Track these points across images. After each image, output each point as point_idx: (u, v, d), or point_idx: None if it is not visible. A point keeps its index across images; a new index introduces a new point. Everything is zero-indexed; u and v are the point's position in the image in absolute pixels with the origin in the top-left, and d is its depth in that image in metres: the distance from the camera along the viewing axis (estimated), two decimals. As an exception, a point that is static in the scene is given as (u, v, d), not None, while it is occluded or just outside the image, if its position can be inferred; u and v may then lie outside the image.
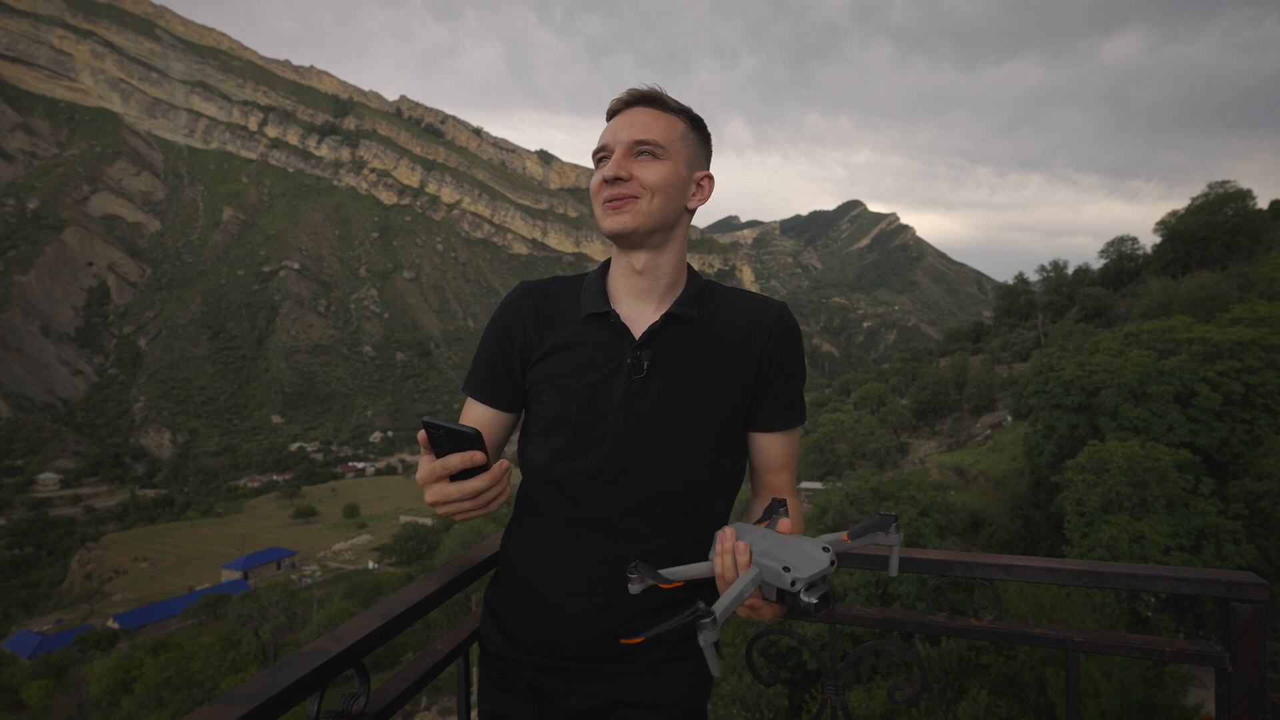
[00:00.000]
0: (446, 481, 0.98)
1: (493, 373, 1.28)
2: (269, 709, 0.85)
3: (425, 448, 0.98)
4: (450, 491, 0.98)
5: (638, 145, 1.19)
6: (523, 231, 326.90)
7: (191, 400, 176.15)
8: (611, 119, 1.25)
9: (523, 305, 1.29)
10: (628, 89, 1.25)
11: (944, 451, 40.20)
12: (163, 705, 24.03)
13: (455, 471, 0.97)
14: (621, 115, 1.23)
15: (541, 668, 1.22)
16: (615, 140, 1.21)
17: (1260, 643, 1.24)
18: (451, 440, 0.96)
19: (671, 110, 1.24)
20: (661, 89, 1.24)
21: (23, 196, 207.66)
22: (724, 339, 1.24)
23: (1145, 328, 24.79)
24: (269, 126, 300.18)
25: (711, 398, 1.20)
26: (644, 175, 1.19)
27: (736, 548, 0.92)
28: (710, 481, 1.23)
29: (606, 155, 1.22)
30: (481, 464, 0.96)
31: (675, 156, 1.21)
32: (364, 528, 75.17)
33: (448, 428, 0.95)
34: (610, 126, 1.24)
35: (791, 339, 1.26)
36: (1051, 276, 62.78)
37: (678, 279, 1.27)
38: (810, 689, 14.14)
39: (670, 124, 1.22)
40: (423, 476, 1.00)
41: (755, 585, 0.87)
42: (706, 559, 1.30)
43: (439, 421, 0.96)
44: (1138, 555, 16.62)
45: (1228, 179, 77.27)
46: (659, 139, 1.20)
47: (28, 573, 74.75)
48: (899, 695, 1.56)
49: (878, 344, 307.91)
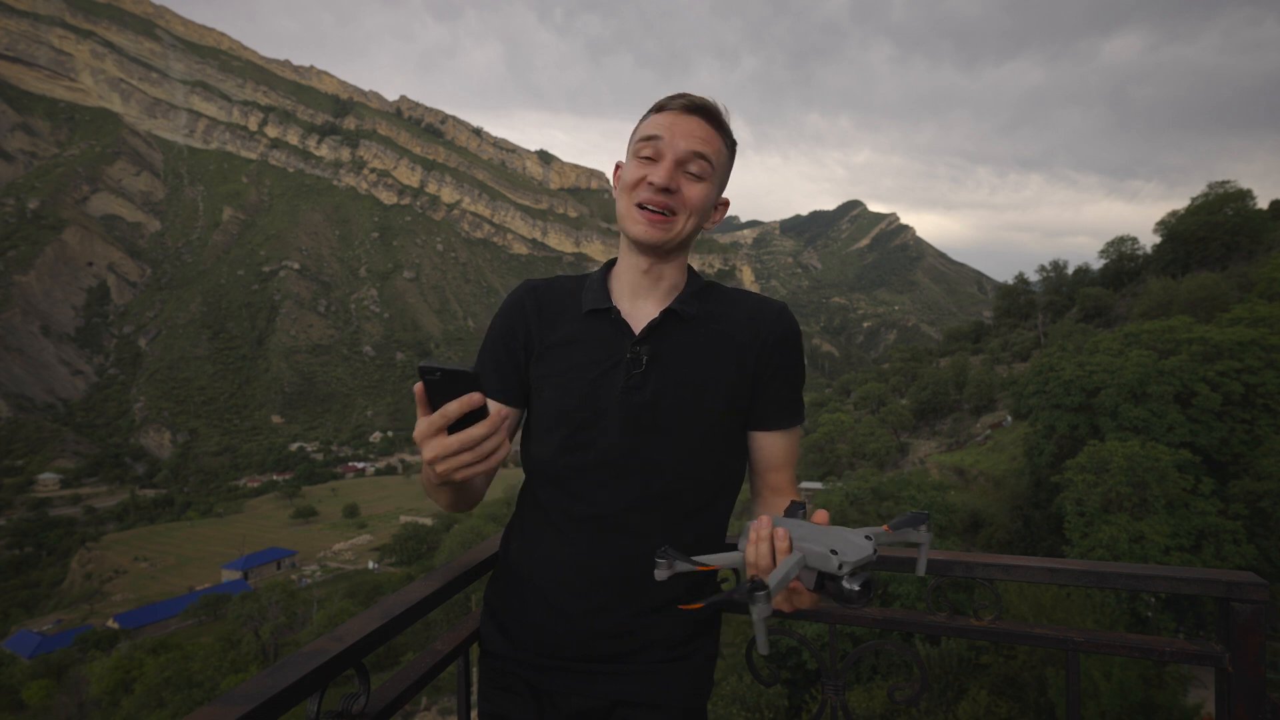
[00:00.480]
0: (445, 434, 0.91)
1: (498, 367, 1.28)
2: (269, 709, 0.84)
3: (421, 403, 0.91)
4: (450, 443, 0.90)
5: (693, 157, 1.17)
6: (523, 231, 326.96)
7: (191, 400, 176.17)
8: (662, 113, 1.21)
9: (525, 302, 1.30)
10: (690, 94, 1.21)
11: (944, 451, 40.21)
12: (163, 705, 24.03)
13: (454, 420, 0.90)
14: (681, 119, 1.19)
15: (541, 668, 1.22)
16: (672, 144, 1.17)
17: (1260, 643, 1.24)
18: (450, 385, 0.90)
19: (723, 131, 1.22)
20: (721, 106, 1.22)
21: (23, 196, 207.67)
22: (724, 337, 1.24)
23: (1145, 328, 24.81)
24: (269, 126, 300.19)
25: (711, 394, 1.20)
26: (690, 194, 1.18)
27: (776, 534, 0.88)
28: (713, 480, 1.23)
29: (655, 151, 1.18)
30: (480, 407, 0.90)
31: (715, 179, 1.21)
32: (364, 528, 75.16)
33: (445, 369, 0.89)
34: (666, 123, 1.19)
35: (791, 339, 1.27)
36: (1051, 276, 62.81)
37: (680, 280, 1.29)
38: (810, 689, 14.14)
39: (720, 145, 1.21)
40: (420, 432, 0.92)
41: (799, 569, 0.85)
42: (705, 558, 1.30)
43: (436, 364, 0.89)
44: (1138, 555, 16.63)
45: (1228, 179, 77.44)
46: (710, 158, 1.18)
47: (28, 573, 74.74)
48: (899, 695, 1.55)
49: (878, 344, 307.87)
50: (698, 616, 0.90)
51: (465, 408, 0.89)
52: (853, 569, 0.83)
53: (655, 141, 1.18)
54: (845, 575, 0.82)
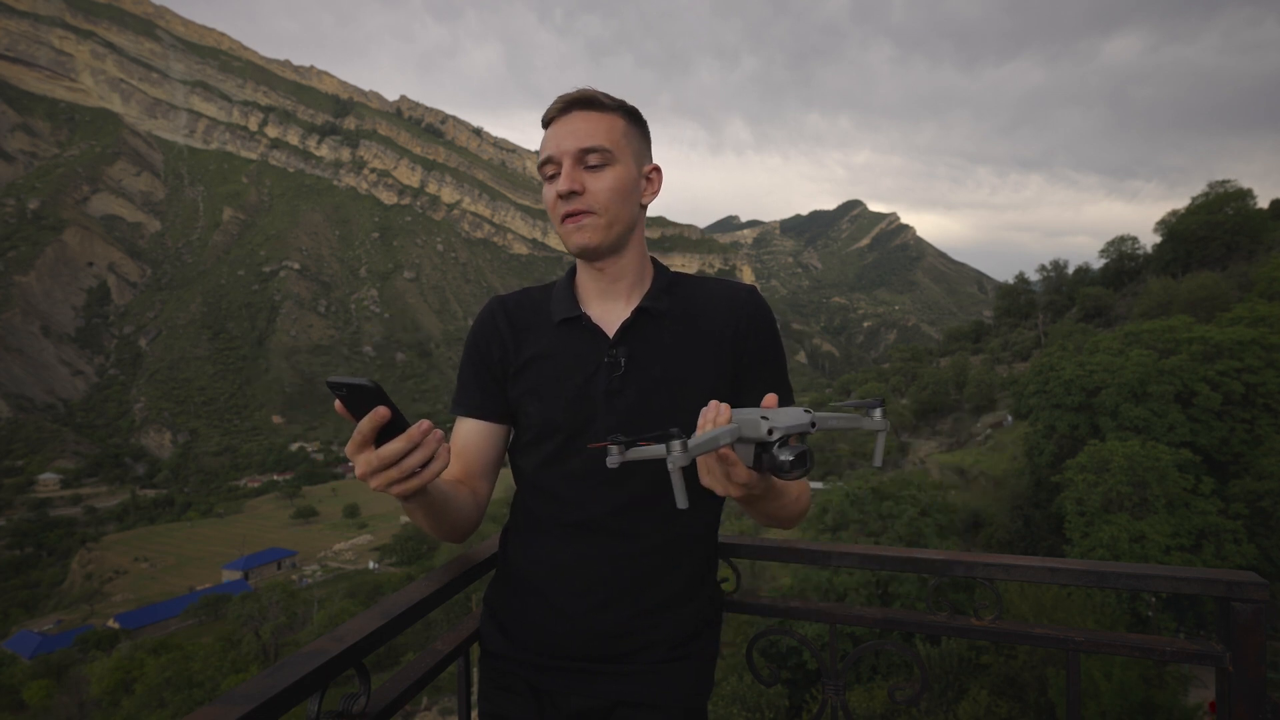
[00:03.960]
0: (372, 449, 0.89)
1: (479, 386, 1.27)
2: (269, 709, 0.84)
3: (346, 418, 0.88)
4: (372, 460, 0.88)
5: (584, 153, 1.15)
6: (523, 231, 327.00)
7: (192, 400, 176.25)
8: (549, 127, 1.19)
9: (496, 319, 1.28)
10: (559, 96, 1.18)
11: (944, 451, 40.19)
12: (163, 705, 24.02)
13: (370, 436, 0.87)
14: (559, 123, 1.17)
15: (542, 668, 1.22)
16: (560, 150, 1.15)
17: (1261, 642, 1.24)
18: (360, 399, 0.86)
19: (609, 109, 1.18)
20: (592, 88, 1.19)
21: (23, 197, 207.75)
22: (698, 328, 1.23)
23: (1145, 327, 24.81)
24: (269, 126, 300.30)
25: (694, 388, 1.18)
26: (597, 186, 1.15)
27: (720, 409, 0.87)
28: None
29: (555, 168, 1.17)
30: (387, 420, 0.86)
31: (623, 158, 1.17)
32: (364, 528, 75.13)
33: (349, 384, 0.85)
34: (551, 136, 1.18)
35: (765, 320, 1.26)
36: (1052, 276, 62.79)
37: (643, 273, 1.27)
38: (810, 689, 14.14)
39: (611, 124, 1.17)
40: (349, 448, 0.89)
41: (732, 438, 0.84)
42: (704, 559, 1.30)
43: (340, 379, 0.85)
44: (1138, 555, 16.63)
45: (1228, 179, 77.19)
46: (603, 143, 1.15)
47: (28, 573, 74.73)
48: (899, 695, 1.55)
49: (878, 344, 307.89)
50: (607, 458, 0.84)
51: (376, 422, 0.86)
52: (784, 435, 0.82)
53: (551, 161, 1.17)
54: (777, 443, 0.82)
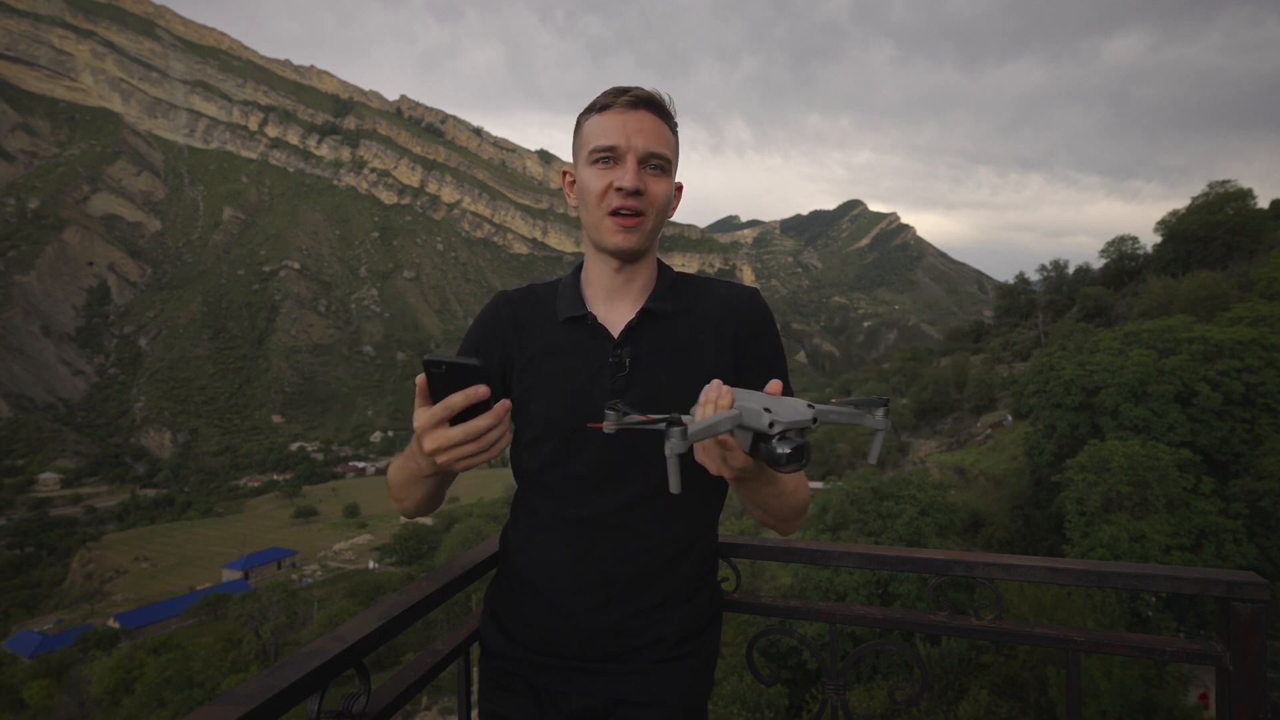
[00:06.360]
0: (447, 426, 0.91)
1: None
2: (269, 709, 0.84)
3: (422, 395, 0.91)
4: (454, 434, 0.90)
5: (651, 156, 1.15)
6: (523, 231, 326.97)
7: (192, 400, 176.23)
8: (608, 112, 1.17)
9: (501, 314, 1.28)
10: (630, 88, 1.17)
11: (944, 451, 40.19)
12: (163, 705, 24.01)
13: (458, 411, 0.89)
14: (630, 117, 1.15)
15: (542, 667, 1.22)
16: (629, 145, 1.14)
17: (1261, 642, 1.24)
18: (453, 378, 0.89)
19: (671, 120, 1.21)
20: (660, 92, 1.20)
21: (23, 196, 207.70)
22: (701, 329, 1.24)
23: (1145, 327, 24.82)
24: (269, 126, 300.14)
25: (696, 388, 1.18)
26: (655, 191, 1.16)
27: (721, 392, 0.87)
28: (705, 476, 1.19)
29: (613, 158, 1.15)
30: (485, 399, 0.90)
31: (672, 171, 1.20)
32: (364, 527, 75.10)
33: (450, 362, 0.88)
34: (614, 125, 1.15)
35: (766, 322, 1.28)
36: (1052, 276, 62.77)
37: (651, 276, 1.28)
38: (810, 689, 14.15)
39: (670, 136, 1.20)
40: (422, 423, 0.91)
41: (732, 424, 0.85)
42: (704, 558, 1.30)
43: (441, 357, 0.88)
44: (1138, 555, 16.63)
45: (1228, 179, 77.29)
46: (667, 151, 1.17)
47: (28, 573, 74.72)
48: (899, 695, 1.55)
49: (878, 343, 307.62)
50: (604, 424, 0.85)
51: (470, 400, 0.89)
52: (784, 429, 0.82)
53: (613, 151, 1.15)
54: (776, 436, 0.82)
